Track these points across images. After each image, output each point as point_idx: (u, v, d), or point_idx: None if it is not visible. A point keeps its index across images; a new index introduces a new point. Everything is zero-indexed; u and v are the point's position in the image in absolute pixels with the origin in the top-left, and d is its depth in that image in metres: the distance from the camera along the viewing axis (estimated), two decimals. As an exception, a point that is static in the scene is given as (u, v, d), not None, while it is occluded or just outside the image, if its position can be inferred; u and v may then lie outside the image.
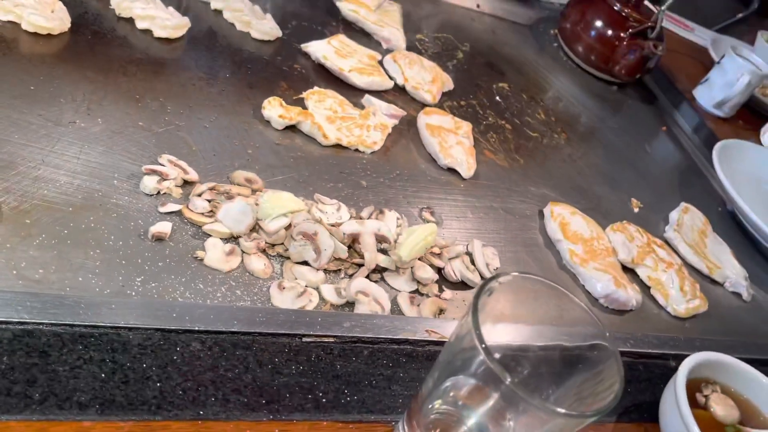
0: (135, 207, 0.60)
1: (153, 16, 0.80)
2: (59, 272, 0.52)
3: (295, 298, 0.59)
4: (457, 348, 0.44)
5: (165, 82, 0.75)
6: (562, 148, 1.03)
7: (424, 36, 1.12)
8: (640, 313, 0.80)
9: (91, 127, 0.65)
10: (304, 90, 0.84)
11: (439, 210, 0.79)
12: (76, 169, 0.60)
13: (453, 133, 0.89)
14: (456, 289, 0.69)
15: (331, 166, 0.77)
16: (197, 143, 0.70)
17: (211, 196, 0.64)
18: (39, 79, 0.67)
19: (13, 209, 0.54)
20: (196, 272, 0.58)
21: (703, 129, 1.28)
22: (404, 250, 0.65)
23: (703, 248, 0.93)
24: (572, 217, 0.85)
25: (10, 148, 0.59)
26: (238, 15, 0.89)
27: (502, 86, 1.11)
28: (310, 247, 0.62)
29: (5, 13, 0.71)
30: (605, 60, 1.23)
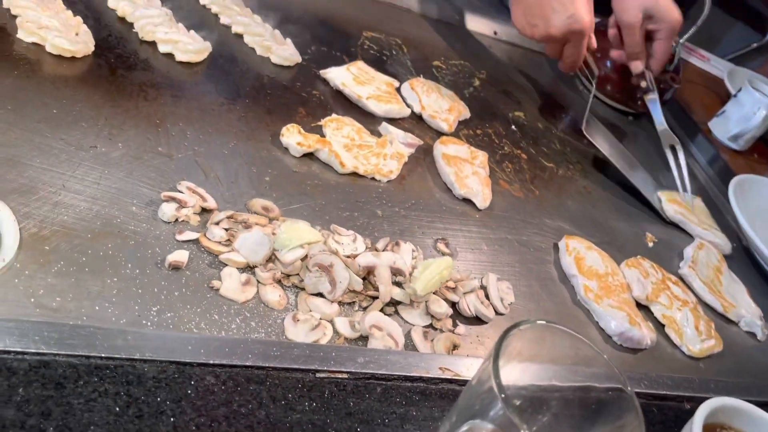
0: (153, 234, 0.60)
1: (175, 40, 0.80)
2: (76, 300, 0.52)
3: (309, 330, 0.58)
4: (478, 392, 0.44)
5: (185, 106, 0.76)
6: (577, 180, 1.03)
7: (441, 63, 1.12)
8: (654, 352, 0.79)
9: (111, 152, 0.65)
10: (322, 116, 0.84)
11: (453, 241, 0.79)
12: (96, 195, 0.60)
13: (469, 162, 0.89)
14: (470, 324, 0.69)
15: (348, 195, 0.77)
16: (216, 170, 0.70)
17: (229, 224, 0.64)
18: (62, 102, 0.67)
19: (33, 235, 0.54)
20: (212, 302, 0.58)
21: (718, 161, 1.27)
22: (419, 284, 0.65)
23: (719, 286, 0.93)
24: (587, 251, 0.84)
25: (32, 173, 0.59)
26: (259, 40, 0.90)
27: (518, 115, 1.11)
28: (325, 278, 0.62)
29: (29, 34, 0.72)
30: (621, 91, 1.23)
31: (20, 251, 0.53)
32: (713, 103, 1.47)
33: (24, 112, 0.64)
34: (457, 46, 1.20)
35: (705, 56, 1.75)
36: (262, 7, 0.97)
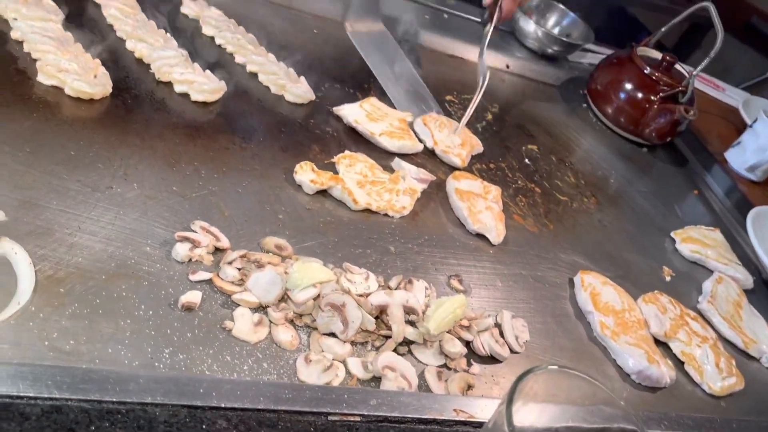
0: (166, 275, 0.60)
1: (191, 80, 0.82)
2: (89, 343, 0.52)
3: (322, 372, 0.58)
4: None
5: (200, 146, 0.77)
6: (591, 213, 1.03)
7: (453, 97, 1.13)
8: (674, 390, 0.77)
9: (126, 193, 0.66)
10: (335, 153, 0.85)
11: (467, 278, 0.78)
12: (111, 236, 0.61)
13: (482, 197, 0.89)
14: (485, 363, 0.68)
15: (360, 231, 0.77)
16: (229, 208, 0.71)
17: (242, 264, 0.64)
18: (79, 144, 0.69)
19: (48, 278, 0.55)
20: (224, 343, 0.58)
21: (735, 193, 1.26)
22: (433, 324, 0.64)
23: (739, 321, 0.91)
24: (603, 287, 0.83)
25: (49, 215, 0.60)
26: (273, 78, 0.91)
27: (531, 148, 1.11)
28: (337, 318, 0.62)
29: (49, 78, 0.73)
30: (635, 123, 1.23)
31: (35, 294, 0.53)
32: (729, 133, 1.46)
33: (42, 155, 0.65)
34: (469, 81, 1.21)
35: (720, 86, 1.75)
36: (277, 47, 0.98)
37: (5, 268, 0.54)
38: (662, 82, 1.21)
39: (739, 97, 1.68)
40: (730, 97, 1.70)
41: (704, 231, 1.08)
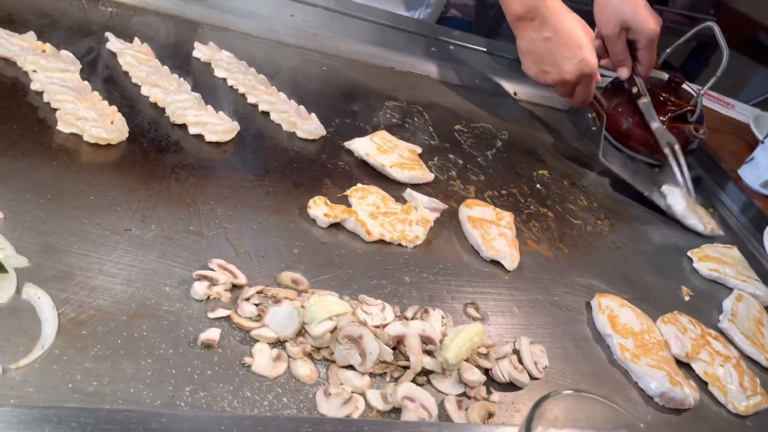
0: (185, 313, 0.61)
1: (205, 122, 0.84)
2: (112, 384, 0.53)
3: (341, 405, 0.58)
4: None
5: (215, 185, 0.78)
6: (606, 235, 1.03)
7: (462, 126, 1.14)
8: (699, 411, 0.76)
9: (145, 234, 0.68)
10: (347, 186, 0.86)
11: (483, 305, 0.78)
12: (131, 277, 0.62)
13: (495, 224, 0.89)
14: (504, 390, 0.68)
15: (375, 263, 0.78)
16: (246, 245, 0.72)
17: (259, 299, 0.65)
18: (98, 189, 0.70)
19: (71, 320, 0.56)
20: (244, 379, 0.58)
21: (751, 209, 1.25)
22: (450, 353, 0.64)
23: (761, 338, 0.90)
24: (621, 309, 0.83)
25: (70, 259, 0.61)
26: (285, 116, 0.93)
27: (542, 173, 1.12)
28: (355, 350, 0.62)
29: (68, 126, 0.76)
30: (645, 144, 1.23)
31: (59, 337, 0.54)
32: (741, 150, 1.46)
33: (62, 201, 0.67)
34: (477, 109, 1.22)
35: (729, 103, 1.75)
36: (287, 85, 1.00)
37: (29, 313, 0.56)
38: (670, 102, 1.22)
39: (749, 113, 1.68)
40: (740, 113, 1.70)
41: (721, 249, 1.07)
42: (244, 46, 1.08)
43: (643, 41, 1.18)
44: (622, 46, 1.19)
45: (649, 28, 1.16)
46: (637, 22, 1.16)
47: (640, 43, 1.18)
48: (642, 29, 1.16)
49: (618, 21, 1.16)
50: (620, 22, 1.16)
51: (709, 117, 1.58)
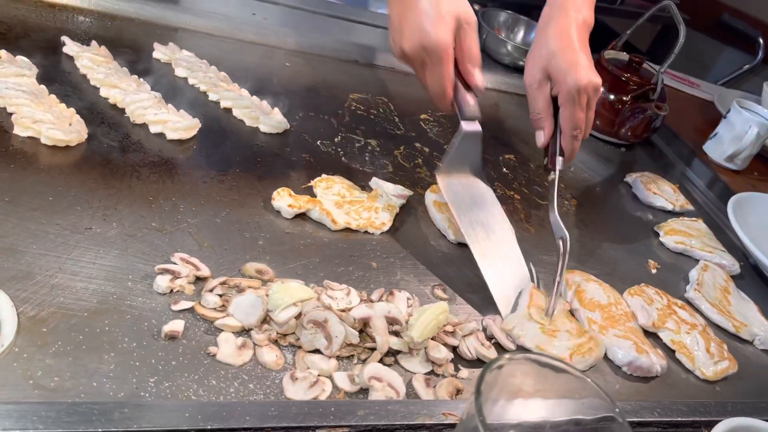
0: (148, 307, 0.61)
1: (165, 120, 0.84)
2: (74, 379, 0.53)
3: (308, 388, 0.59)
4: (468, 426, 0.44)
5: (177, 182, 0.78)
6: (573, 214, 1.04)
7: (428, 116, 1.15)
8: (667, 378, 0.77)
9: (106, 232, 0.67)
10: (312, 178, 0.87)
11: (451, 286, 0.79)
12: (92, 274, 0.62)
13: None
14: (472, 367, 0.69)
15: (342, 250, 0.78)
16: (209, 239, 0.72)
17: (223, 290, 0.65)
18: (57, 190, 0.70)
19: (31, 319, 0.56)
20: (209, 368, 0.58)
21: (717, 183, 1.27)
22: (416, 331, 0.65)
23: (728, 306, 0.91)
24: (588, 284, 0.84)
25: (29, 259, 0.61)
26: (247, 112, 0.94)
27: (508, 158, 1.13)
28: (321, 335, 0.63)
29: (24, 129, 0.75)
30: (610, 124, 1.25)
31: (18, 335, 0.54)
32: (706, 127, 1.48)
33: (20, 202, 0.67)
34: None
35: (694, 83, 1.77)
36: (249, 82, 1.01)
37: (-12, 313, 0.55)
38: (632, 82, 1.23)
39: (714, 92, 1.70)
40: (705, 92, 1.73)
41: (687, 222, 1.09)
42: (205, 46, 1.08)
43: (563, 96, 0.86)
44: (542, 101, 0.89)
45: (573, 79, 0.84)
46: (559, 69, 0.86)
47: (560, 98, 0.87)
48: (563, 79, 0.85)
49: (541, 66, 0.88)
50: (543, 67, 0.88)
51: (675, 97, 1.61)
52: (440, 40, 0.78)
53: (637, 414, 0.67)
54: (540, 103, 0.89)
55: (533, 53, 0.90)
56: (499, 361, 0.44)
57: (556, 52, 0.87)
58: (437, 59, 0.79)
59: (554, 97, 0.89)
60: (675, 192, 1.18)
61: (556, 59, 0.86)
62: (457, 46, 0.80)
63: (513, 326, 0.73)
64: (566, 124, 0.88)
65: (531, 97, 0.91)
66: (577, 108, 0.87)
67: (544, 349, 0.71)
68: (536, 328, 0.73)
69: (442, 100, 0.84)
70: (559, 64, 0.86)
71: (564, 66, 0.86)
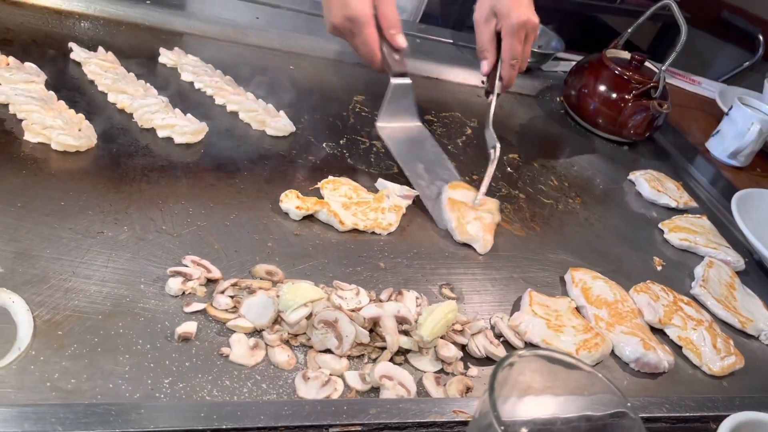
0: (161, 309, 0.62)
1: (172, 124, 0.85)
2: (90, 380, 0.54)
3: (320, 387, 0.59)
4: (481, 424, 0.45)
5: (186, 185, 0.79)
6: (577, 213, 1.04)
7: (432, 117, 1.16)
8: (674, 374, 0.78)
9: (118, 236, 0.68)
10: (319, 180, 0.87)
11: (458, 285, 0.80)
12: (105, 278, 0.63)
13: (472, 208, 0.90)
14: (481, 365, 0.69)
15: (350, 251, 0.79)
16: (219, 241, 0.73)
17: (234, 292, 0.66)
18: (69, 195, 0.71)
19: (46, 322, 0.57)
20: (223, 369, 0.59)
21: (720, 180, 1.28)
22: (425, 330, 0.66)
23: (733, 302, 0.92)
24: (594, 281, 0.85)
25: (43, 263, 0.62)
26: (253, 115, 0.94)
27: (512, 157, 1.13)
28: (331, 334, 0.63)
29: (35, 135, 0.76)
30: (613, 122, 1.26)
31: (35, 339, 0.55)
32: (708, 124, 1.49)
33: (33, 208, 0.67)
34: (446, 99, 1.24)
35: (695, 80, 1.78)
36: (255, 85, 1.02)
37: (4, 317, 0.56)
38: (633, 80, 1.24)
39: (715, 89, 1.71)
40: (706, 89, 1.73)
41: (691, 219, 1.09)
42: (210, 51, 1.08)
43: (505, 29, 1.00)
44: (487, 35, 1.03)
45: (515, 15, 0.99)
46: (503, 6, 1.00)
47: (503, 31, 1.01)
48: (506, 15, 0.99)
49: (489, 4, 1.01)
50: (490, 6, 1.01)
51: (677, 94, 1.62)
52: (359, 9, 0.92)
53: (646, 410, 0.67)
54: (485, 36, 1.04)
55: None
56: (510, 358, 0.45)
57: None
58: (360, 26, 0.93)
59: (497, 32, 1.02)
60: (679, 189, 1.19)
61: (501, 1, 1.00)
62: (378, 14, 0.93)
63: (519, 323, 0.74)
64: (506, 54, 1.02)
65: (478, 32, 1.05)
66: (516, 41, 1.01)
67: (551, 344, 0.72)
68: (543, 324, 0.74)
69: (373, 62, 0.97)
70: (504, 3, 1.00)
71: (508, 4, 1.00)
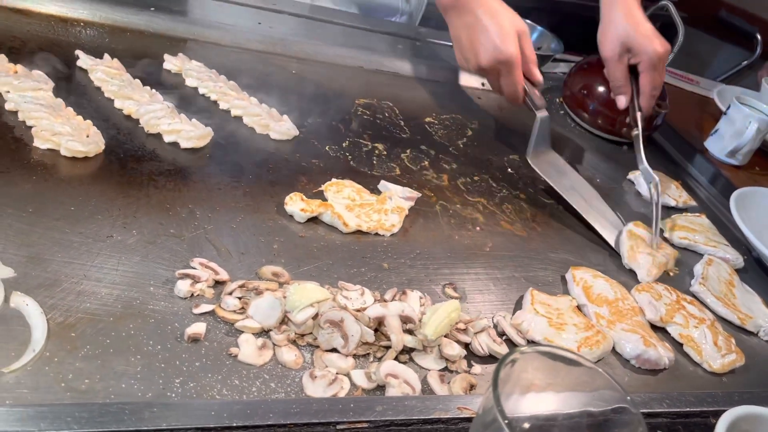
0: (171, 311, 0.64)
1: (178, 129, 0.86)
2: (103, 381, 0.55)
3: (327, 386, 0.61)
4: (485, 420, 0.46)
5: (193, 189, 0.80)
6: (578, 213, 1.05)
7: (433, 119, 1.17)
8: (675, 371, 0.79)
9: (127, 240, 0.70)
10: (322, 182, 0.89)
11: (461, 285, 0.81)
12: (115, 280, 0.64)
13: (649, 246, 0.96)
14: (485, 363, 0.71)
15: (354, 252, 0.80)
16: (226, 244, 0.74)
17: (242, 293, 0.67)
18: (78, 200, 0.72)
19: (59, 324, 0.58)
20: (232, 369, 0.60)
21: (719, 179, 1.29)
22: (429, 329, 0.67)
23: (732, 299, 0.93)
24: (595, 280, 0.86)
25: (55, 267, 0.63)
26: (257, 119, 0.96)
27: (513, 158, 1.15)
28: (337, 334, 0.65)
29: (44, 142, 0.77)
30: (612, 123, 1.27)
31: (49, 341, 0.56)
32: (707, 123, 1.50)
33: (44, 213, 0.69)
34: (447, 101, 1.25)
35: (693, 79, 1.79)
36: (258, 90, 1.03)
37: (19, 320, 0.58)
38: (632, 80, 1.25)
39: (713, 88, 1.72)
40: (704, 89, 1.75)
41: (690, 217, 1.11)
42: (213, 56, 1.10)
43: (644, 64, 1.12)
44: (622, 71, 1.14)
45: (651, 49, 1.10)
46: (639, 42, 1.10)
47: (642, 65, 1.12)
48: (642, 50, 1.10)
49: (619, 41, 1.11)
50: (621, 42, 1.11)
51: (675, 94, 1.63)
52: (511, 52, 1.03)
53: (646, 405, 0.69)
54: (620, 72, 1.14)
55: (608, 32, 1.13)
56: (512, 355, 0.46)
57: (631, 28, 1.10)
58: (511, 67, 1.04)
59: (630, 66, 1.13)
60: (678, 188, 1.20)
61: (634, 34, 1.10)
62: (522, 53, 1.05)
63: (521, 321, 0.75)
64: (648, 86, 1.13)
65: (611, 68, 1.15)
66: (657, 74, 1.12)
67: (553, 341, 0.73)
68: (544, 323, 0.75)
69: (517, 99, 1.09)
70: (638, 39, 1.10)
71: (643, 40, 1.10)
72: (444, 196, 0.97)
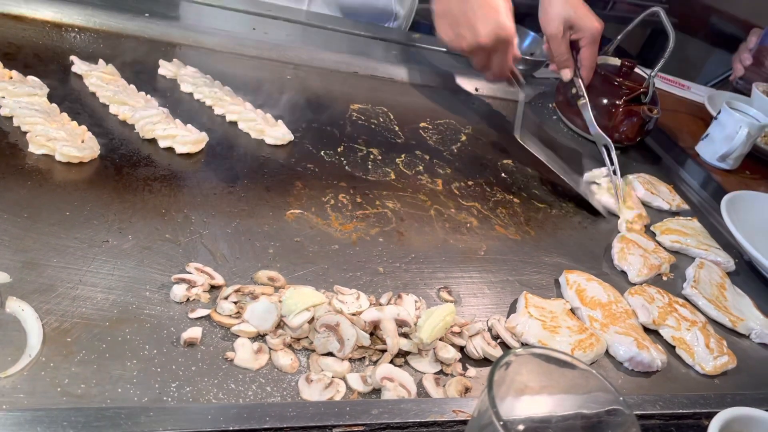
0: (167, 315, 0.64)
1: (173, 134, 0.86)
2: (99, 385, 0.55)
3: (323, 389, 0.61)
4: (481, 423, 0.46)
5: (188, 194, 0.81)
6: (571, 217, 1.06)
7: (427, 124, 1.18)
8: (668, 373, 0.80)
9: (122, 245, 0.70)
10: (318, 187, 0.89)
11: (456, 288, 0.81)
12: (111, 285, 0.64)
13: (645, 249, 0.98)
14: (479, 366, 0.71)
15: (349, 257, 0.80)
16: (221, 248, 0.74)
17: (237, 297, 0.67)
18: (73, 205, 0.73)
19: (55, 329, 0.58)
20: (228, 373, 0.60)
21: (710, 183, 1.30)
22: (424, 333, 0.67)
23: (724, 302, 0.94)
24: (588, 283, 0.87)
25: (50, 272, 0.63)
26: (252, 124, 0.96)
27: (506, 163, 1.15)
28: (333, 338, 0.65)
29: (39, 147, 0.78)
30: (604, 128, 1.27)
31: (44, 345, 0.57)
32: (698, 128, 1.51)
33: (39, 218, 0.69)
34: (441, 107, 1.26)
35: (685, 85, 1.81)
36: (253, 95, 1.03)
37: (14, 325, 0.58)
38: (624, 86, 1.26)
39: (704, 93, 1.74)
40: (696, 94, 1.76)
41: (682, 221, 1.12)
42: (208, 62, 1.10)
43: (585, 39, 1.21)
44: (565, 46, 1.22)
45: (593, 26, 1.19)
46: (580, 19, 1.18)
47: (583, 41, 1.21)
48: (585, 27, 1.19)
49: (561, 19, 1.18)
50: (563, 20, 1.18)
51: (667, 99, 1.64)
52: (512, 29, 1.06)
53: (640, 407, 0.69)
54: (564, 48, 1.21)
55: (550, 12, 1.19)
56: (506, 357, 0.47)
57: (571, 8, 1.18)
58: (507, 45, 1.08)
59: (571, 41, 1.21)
60: (671, 192, 1.21)
61: (575, 14, 1.18)
62: None
63: (516, 324, 0.76)
64: (590, 59, 1.23)
65: (555, 45, 1.21)
66: (595, 46, 1.22)
67: (547, 344, 0.74)
68: (538, 326, 0.76)
69: (501, 77, 1.16)
70: (579, 17, 1.18)
71: (584, 17, 1.18)
72: (438, 201, 0.97)
